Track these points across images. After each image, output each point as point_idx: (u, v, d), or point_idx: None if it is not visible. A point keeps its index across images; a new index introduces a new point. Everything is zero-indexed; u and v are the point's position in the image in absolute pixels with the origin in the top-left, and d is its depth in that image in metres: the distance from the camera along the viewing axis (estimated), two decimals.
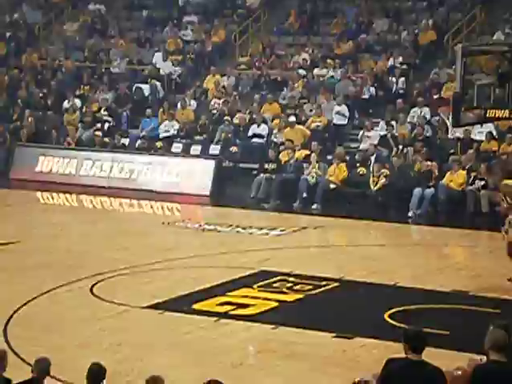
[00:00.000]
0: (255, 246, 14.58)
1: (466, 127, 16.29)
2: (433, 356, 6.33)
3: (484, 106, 11.07)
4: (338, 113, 19.72)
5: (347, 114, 19.75)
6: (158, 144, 20.55)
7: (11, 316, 10.94)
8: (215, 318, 10.95)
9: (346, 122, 19.75)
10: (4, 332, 10.33)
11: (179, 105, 21.49)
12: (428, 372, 6.07)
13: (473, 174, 16.89)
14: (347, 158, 18.61)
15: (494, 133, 17.95)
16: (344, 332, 10.34)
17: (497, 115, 11.18)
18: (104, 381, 6.74)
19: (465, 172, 17.03)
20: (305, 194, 18.00)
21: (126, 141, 21.04)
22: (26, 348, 9.49)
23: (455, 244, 15.29)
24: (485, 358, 6.22)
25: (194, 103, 21.69)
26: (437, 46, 21.33)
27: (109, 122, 21.62)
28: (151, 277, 12.78)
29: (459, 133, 17.88)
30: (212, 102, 21.46)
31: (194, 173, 19.36)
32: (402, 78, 20.49)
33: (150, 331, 10.60)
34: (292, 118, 19.84)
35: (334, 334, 10.29)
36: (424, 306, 11.32)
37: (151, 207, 18.58)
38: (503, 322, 6.83)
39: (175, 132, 20.85)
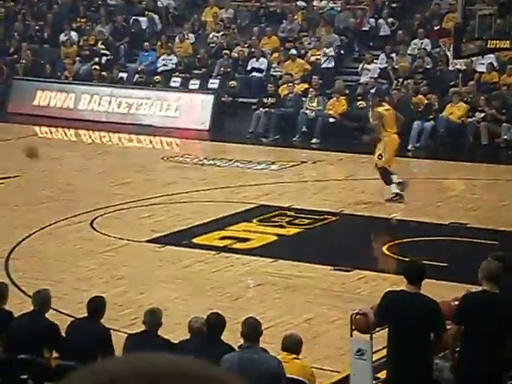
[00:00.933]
0: (254, 181, 14.59)
1: (467, 58, 16.11)
2: (431, 287, 6.41)
3: (485, 37, 10.93)
4: (325, 55, 19.25)
5: (333, 55, 19.27)
6: (157, 78, 20.38)
7: (12, 249, 11.02)
8: (215, 252, 11.03)
9: (333, 64, 19.29)
10: (5, 265, 10.42)
11: (177, 38, 21.23)
12: (423, 303, 6.14)
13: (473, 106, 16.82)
14: (347, 91, 18.46)
15: (495, 64, 17.78)
16: (343, 265, 10.42)
17: (498, 46, 11.05)
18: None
19: (465, 104, 16.92)
20: (304, 128, 17.92)
21: (124, 75, 20.86)
22: (28, 281, 9.58)
23: (454, 177, 15.29)
24: (480, 288, 6.29)
25: (192, 36, 21.43)
26: None
27: (106, 56, 21.40)
28: (151, 211, 12.83)
29: (460, 64, 17.70)
30: (210, 36, 21.21)
31: (193, 107, 19.23)
32: (403, 10, 20.19)
33: (150, 265, 10.69)
34: (293, 51, 19.61)
35: (333, 267, 10.38)
36: (422, 239, 11.39)
37: (150, 142, 18.53)
38: (499, 253, 6.89)
39: (173, 66, 20.65)
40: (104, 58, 21.31)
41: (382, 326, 6.56)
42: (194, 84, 20.05)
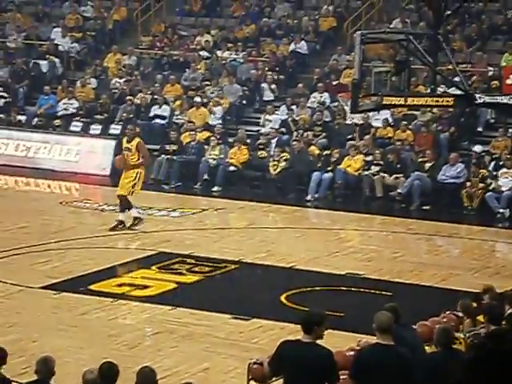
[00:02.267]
0: (155, 228, 14.54)
1: (364, 113, 16.63)
2: (328, 337, 6.49)
3: (381, 93, 11.33)
4: (213, 113, 19.46)
5: (220, 116, 19.49)
6: (57, 122, 20.16)
7: None
8: (112, 299, 10.89)
9: (220, 121, 19.39)
10: None
11: (79, 83, 21.12)
12: (318, 354, 6.21)
13: (369, 160, 17.33)
14: (248, 140, 18.73)
15: (390, 119, 18.42)
16: (241, 313, 10.47)
17: (393, 102, 11.46)
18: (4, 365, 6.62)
19: (362, 157, 17.42)
20: (206, 176, 18.04)
21: (22, 118, 20.55)
22: None
23: (351, 228, 15.64)
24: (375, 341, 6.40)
25: (94, 81, 21.36)
26: (336, 32, 21.66)
27: (4, 98, 21.06)
28: (47, 257, 12.58)
29: (357, 119, 18.25)
30: (113, 81, 21.19)
31: (94, 152, 19.08)
32: (303, 64, 20.70)
33: (45, 312, 10.45)
34: (197, 99, 19.78)
35: (231, 316, 10.41)
36: (319, 288, 11.57)
37: (49, 186, 18.23)
38: (392, 304, 7.06)
39: (74, 110, 20.50)
40: (2, 101, 20.97)
41: (277, 376, 6.61)
42: (96, 129, 19.94)
